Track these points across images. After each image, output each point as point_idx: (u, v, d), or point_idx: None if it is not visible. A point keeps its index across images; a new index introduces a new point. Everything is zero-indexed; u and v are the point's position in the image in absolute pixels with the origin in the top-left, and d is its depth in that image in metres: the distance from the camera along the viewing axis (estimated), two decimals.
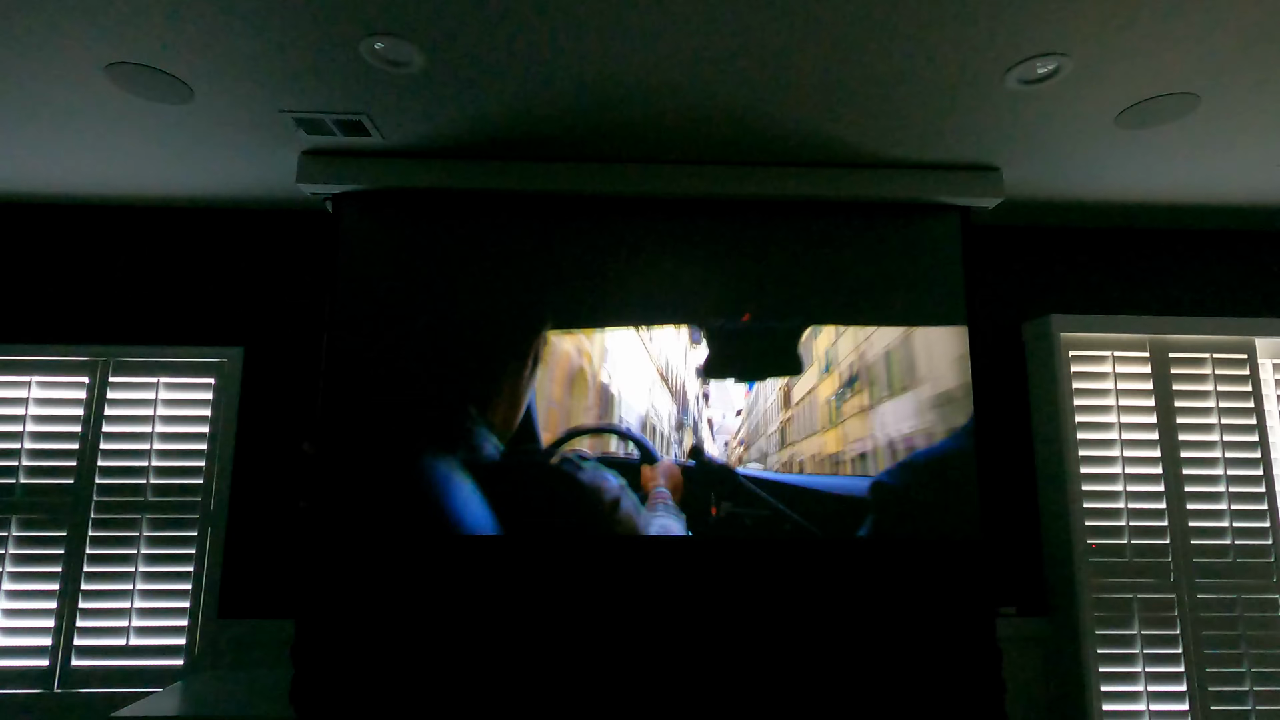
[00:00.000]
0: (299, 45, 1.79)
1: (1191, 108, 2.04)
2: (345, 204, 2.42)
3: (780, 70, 1.90)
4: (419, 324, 2.36)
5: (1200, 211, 2.79)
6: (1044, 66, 1.87)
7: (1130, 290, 2.92)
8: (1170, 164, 2.40)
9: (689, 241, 2.46)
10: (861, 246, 2.49)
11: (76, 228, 2.79)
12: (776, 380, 2.42)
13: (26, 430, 2.65)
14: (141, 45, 1.79)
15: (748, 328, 2.43)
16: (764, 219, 2.49)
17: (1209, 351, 2.71)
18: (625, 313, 2.41)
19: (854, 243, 2.49)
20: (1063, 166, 2.42)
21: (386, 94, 2.00)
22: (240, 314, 2.77)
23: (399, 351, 2.35)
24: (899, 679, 2.23)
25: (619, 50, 1.82)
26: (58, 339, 2.71)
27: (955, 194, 2.45)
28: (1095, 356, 2.70)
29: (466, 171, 2.37)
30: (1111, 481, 2.62)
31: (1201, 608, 2.54)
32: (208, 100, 2.03)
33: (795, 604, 2.26)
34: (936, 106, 2.07)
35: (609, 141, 2.29)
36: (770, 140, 2.28)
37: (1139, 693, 2.49)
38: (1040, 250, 2.94)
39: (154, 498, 2.62)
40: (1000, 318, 2.89)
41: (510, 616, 2.21)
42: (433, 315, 2.37)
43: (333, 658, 2.17)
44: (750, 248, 2.47)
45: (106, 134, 2.22)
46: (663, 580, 2.26)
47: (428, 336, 2.36)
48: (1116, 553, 2.57)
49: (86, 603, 2.55)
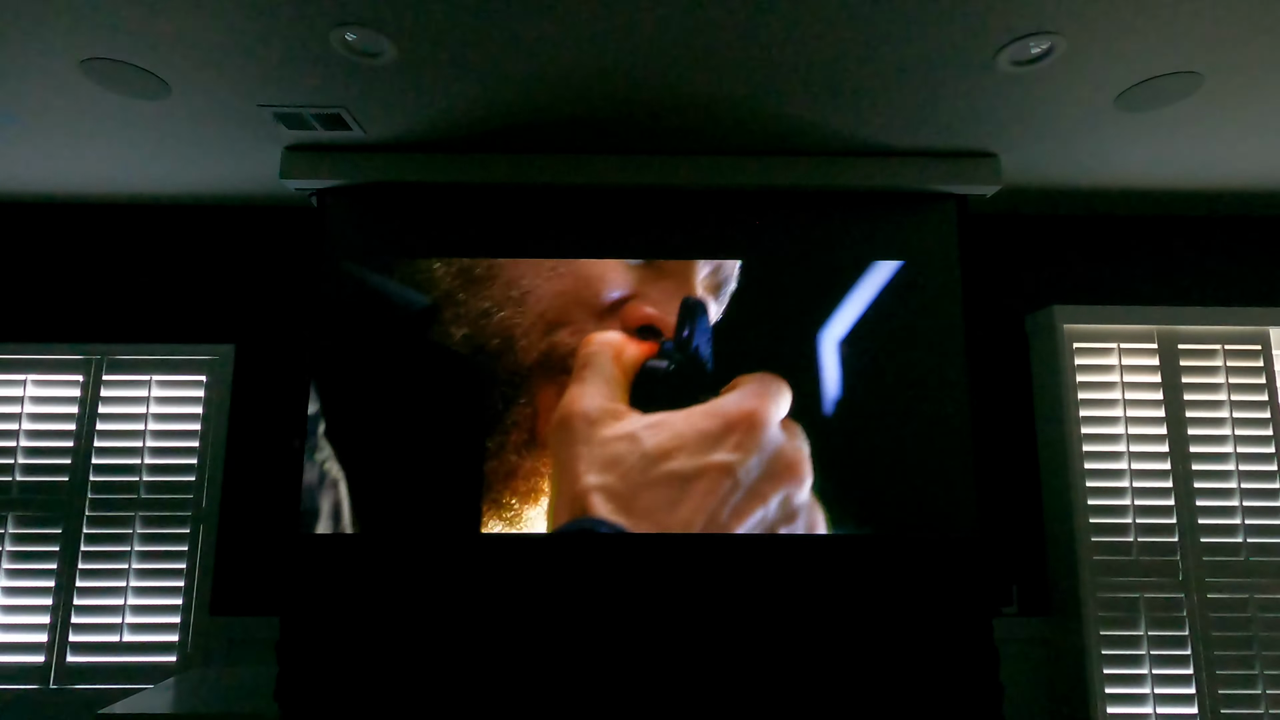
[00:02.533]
0: (271, 38, 1.77)
1: (1195, 87, 1.96)
2: (330, 199, 2.40)
3: (766, 57, 1.85)
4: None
5: (1208, 197, 2.69)
6: (1037, 46, 1.80)
7: (1137, 280, 2.83)
8: (1175, 147, 2.31)
9: (676, 232, 2.41)
10: (856, 236, 2.42)
11: (70, 227, 2.81)
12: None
13: (22, 428, 2.67)
14: (116, 40, 1.77)
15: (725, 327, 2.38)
16: (753, 211, 2.43)
17: (1220, 342, 2.61)
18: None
19: (848, 233, 2.43)
20: (1062, 152, 2.34)
21: (363, 86, 1.98)
22: (231, 311, 2.77)
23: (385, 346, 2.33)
24: (892, 680, 2.17)
25: (599, 40, 1.77)
26: (53, 338, 2.73)
27: (951, 182, 2.38)
28: (1101, 349, 2.62)
29: (449, 165, 2.34)
30: (1118, 478, 2.54)
31: (1211, 608, 2.46)
32: (185, 95, 2.02)
33: (783, 602, 2.21)
34: (928, 91, 2.00)
35: (597, 133, 2.25)
36: (757, 130, 2.22)
37: (1145, 695, 2.41)
38: (1043, 239, 2.86)
39: (147, 495, 2.63)
40: (1003, 309, 2.81)
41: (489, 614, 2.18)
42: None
43: (317, 655, 2.16)
44: (740, 240, 2.42)
45: (86, 131, 2.21)
46: (650, 578, 2.22)
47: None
48: (1122, 551, 2.49)
49: (81, 599, 2.57)
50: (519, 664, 2.15)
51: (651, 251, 2.41)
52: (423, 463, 2.26)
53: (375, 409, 2.29)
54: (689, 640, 2.17)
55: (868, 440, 2.31)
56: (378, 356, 2.32)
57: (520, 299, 2.32)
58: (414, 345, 2.30)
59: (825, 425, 2.29)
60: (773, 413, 2.25)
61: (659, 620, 2.19)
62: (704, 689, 2.15)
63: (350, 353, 2.32)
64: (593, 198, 2.42)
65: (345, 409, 2.28)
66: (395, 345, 2.30)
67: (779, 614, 2.20)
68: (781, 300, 2.38)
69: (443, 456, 2.26)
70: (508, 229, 2.40)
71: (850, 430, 2.30)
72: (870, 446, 2.30)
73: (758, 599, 2.20)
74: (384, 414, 2.29)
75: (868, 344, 2.35)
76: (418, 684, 2.14)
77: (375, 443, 2.27)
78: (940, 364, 2.36)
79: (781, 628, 2.18)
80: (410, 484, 2.25)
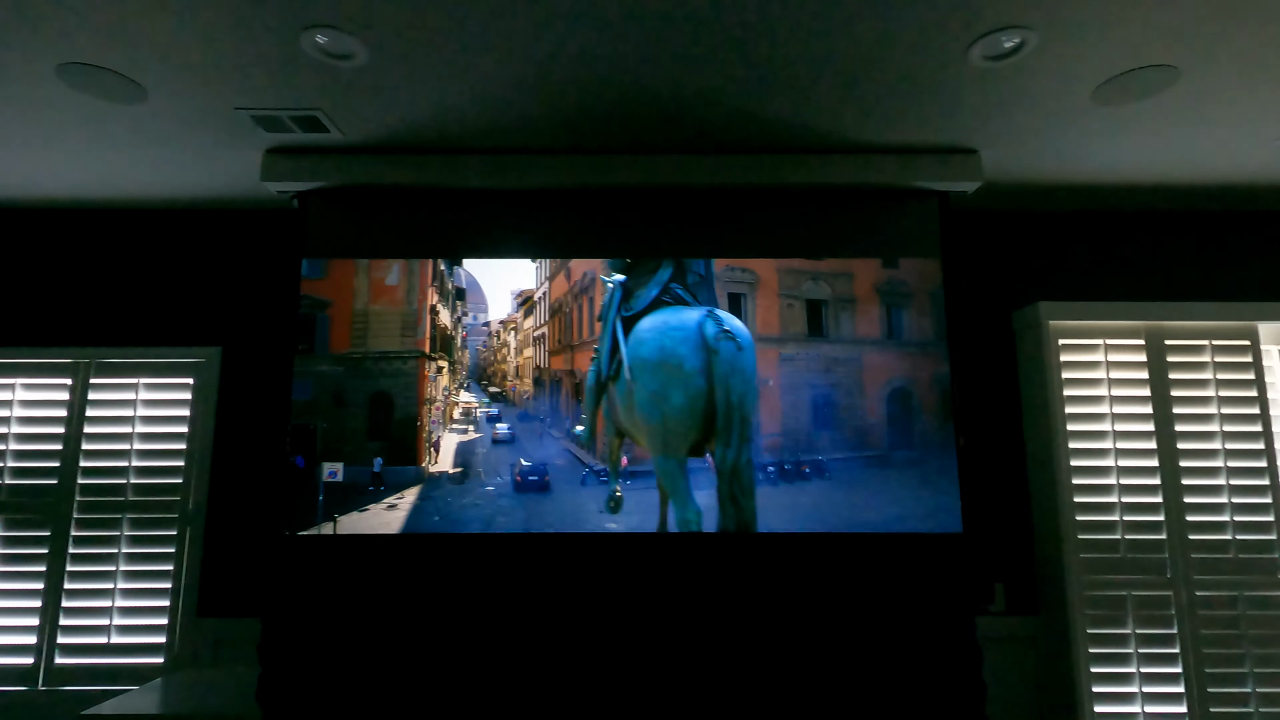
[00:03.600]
0: (243, 40, 1.78)
1: (1171, 81, 1.94)
2: (310, 201, 2.41)
3: (742, 54, 1.84)
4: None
5: (1190, 191, 2.66)
6: (1009, 40, 1.79)
7: (1123, 275, 2.81)
8: (1154, 141, 2.29)
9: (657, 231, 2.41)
10: (837, 234, 2.42)
11: (59, 232, 2.83)
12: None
13: (11, 431, 2.69)
14: (90, 45, 1.79)
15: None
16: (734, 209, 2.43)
17: (1208, 338, 2.59)
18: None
19: (828, 230, 2.42)
20: (1042, 147, 2.33)
21: (336, 88, 1.99)
22: (217, 314, 2.78)
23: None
24: (873, 678, 2.15)
25: (574, 39, 1.77)
26: (41, 341, 2.75)
27: (932, 178, 2.37)
28: (1087, 345, 2.60)
29: (426, 166, 2.35)
30: (1105, 475, 2.52)
31: (1201, 605, 2.43)
32: (163, 99, 2.03)
33: (765, 599, 2.20)
34: (904, 87, 1.99)
35: (576, 132, 2.25)
36: (737, 128, 2.22)
37: (1133, 694, 2.39)
38: (1027, 236, 2.84)
39: (134, 497, 2.65)
40: (988, 306, 2.79)
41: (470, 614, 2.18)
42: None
43: (298, 656, 2.16)
44: (718, 238, 2.41)
45: (66, 136, 2.23)
46: (630, 578, 2.22)
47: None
48: (1110, 549, 2.47)
49: (70, 601, 2.58)
50: (501, 663, 2.15)
51: (631, 251, 2.41)
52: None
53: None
54: (673, 639, 2.17)
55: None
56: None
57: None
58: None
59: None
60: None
61: (645, 620, 2.18)
62: (689, 687, 2.14)
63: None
64: (573, 198, 2.43)
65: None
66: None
67: (761, 611, 2.19)
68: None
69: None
70: (488, 230, 2.41)
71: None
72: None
73: (739, 597, 2.19)
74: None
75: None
76: (399, 684, 2.15)
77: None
78: (924, 361, 2.35)
79: (763, 625, 2.17)
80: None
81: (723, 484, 2.29)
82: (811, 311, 2.39)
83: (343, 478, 2.32)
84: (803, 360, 2.37)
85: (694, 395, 2.30)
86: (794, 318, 2.40)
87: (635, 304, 2.36)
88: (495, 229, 2.41)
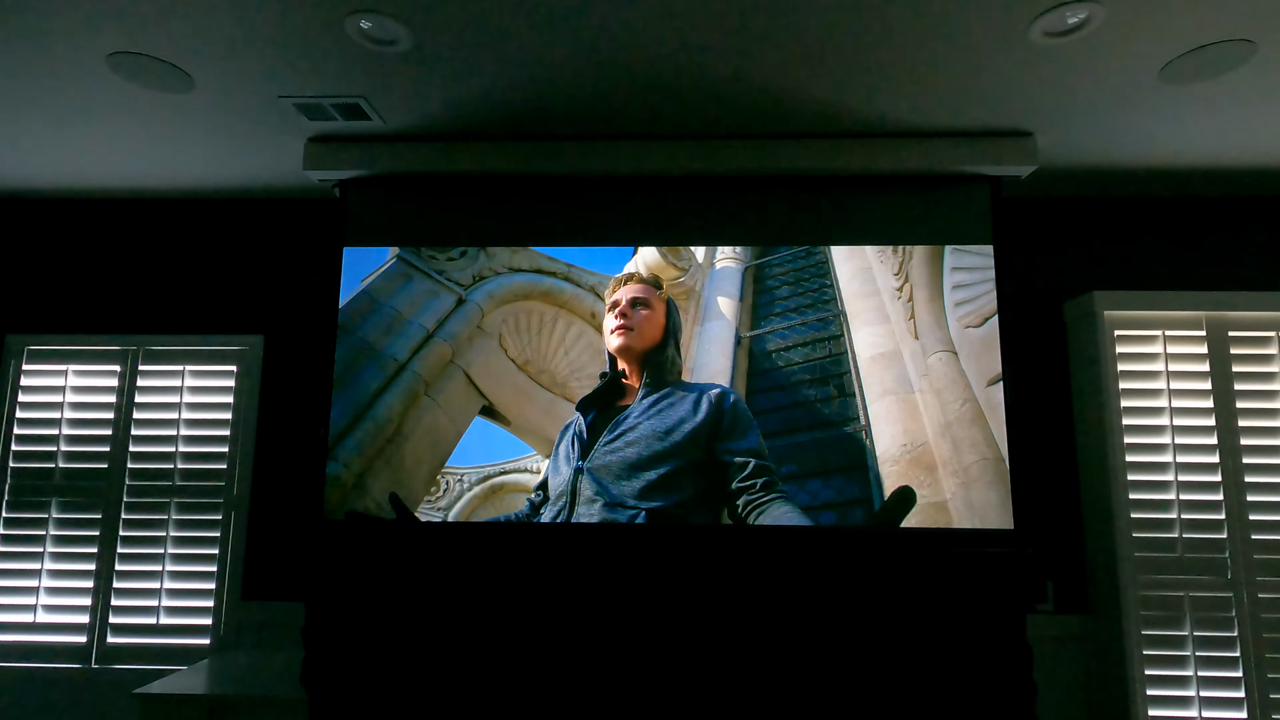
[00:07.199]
0: (287, 27, 1.78)
1: (1247, 57, 1.84)
2: (352, 190, 2.42)
3: (787, 36, 1.79)
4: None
5: (1260, 175, 2.54)
6: (1074, 16, 1.71)
7: (1183, 264, 2.69)
8: (1224, 122, 2.18)
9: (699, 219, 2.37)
10: (884, 223, 2.35)
11: (106, 222, 2.88)
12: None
13: (64, 417, 2.76)
14: (140, 33, 1.80)
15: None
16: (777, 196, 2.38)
17: (1274, 329, 2.47)
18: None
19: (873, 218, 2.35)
20: (1102, 129, 2.23)
21: (380, 75, 1.98)
22: (260, 302, 2.81)
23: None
24: (922, 678, 2.11)
25: (620, 22, 1.74)
26: (91, 329, 2.81)
27: (984, 163, 2.29)
28: (1144, 336, 2.50)
29: (468, 154, 2.33)
30: (1162, 471, 2.42)
31: (1263, 607, 2.33)
32: (209, 88, 2.05)
33: (814, 598, 2.16)
34: (959, 67, 1.92)
35: (621, 119, 2.21)
36: (780, 113, 2.16)
37: (1190, 698, 2.30)
38: (1081, 222, 2.73)
39: (181, 482, 2.70)
40: (1039, 296, 2.70)
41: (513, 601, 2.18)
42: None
43: (342, 639, 2.19)
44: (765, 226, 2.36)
45: (114, 125, 2.26)
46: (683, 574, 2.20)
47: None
48: (1167, 548, 2.38)
49: (120, 582, 2.65)
50: (544, 650, 2.14)
51: (673, 239, 2.37)
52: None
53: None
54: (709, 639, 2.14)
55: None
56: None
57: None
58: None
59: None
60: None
61: (694, 617, 2.16)
62: (739, 685, 2.11)
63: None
64: (616, 185, 2.39)
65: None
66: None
67: (810, 610, 2.15)
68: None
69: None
70: (529, 217, 2.39)
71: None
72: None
73: (789, 595, 2.16)
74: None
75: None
76: (441, 668, 2.16)
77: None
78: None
79: (813, 624, 2.14)
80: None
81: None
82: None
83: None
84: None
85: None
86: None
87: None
88: (541, 217, 2.39)
